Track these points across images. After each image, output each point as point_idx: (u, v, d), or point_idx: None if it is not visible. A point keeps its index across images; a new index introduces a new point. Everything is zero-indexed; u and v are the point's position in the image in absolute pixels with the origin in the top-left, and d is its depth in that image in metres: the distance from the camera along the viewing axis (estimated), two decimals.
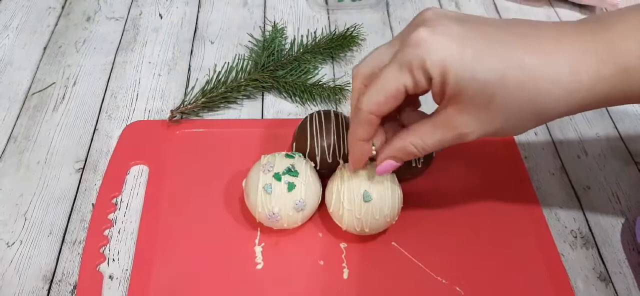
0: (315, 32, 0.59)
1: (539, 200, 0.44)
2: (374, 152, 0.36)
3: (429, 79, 0.30)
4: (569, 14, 0.63)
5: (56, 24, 0.59)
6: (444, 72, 0.29)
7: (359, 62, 0.35)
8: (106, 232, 0.41)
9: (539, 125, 0.32)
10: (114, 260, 0.40)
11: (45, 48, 0.56)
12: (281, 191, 0.37)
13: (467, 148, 0.47)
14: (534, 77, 0.29)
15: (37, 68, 0.54)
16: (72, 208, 0.43)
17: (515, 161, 0.47)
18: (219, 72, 0.52)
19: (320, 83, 0.52)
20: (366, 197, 0.37)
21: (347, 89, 0.52)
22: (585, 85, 0.29)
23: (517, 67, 0.29)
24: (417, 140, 0.33)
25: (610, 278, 0.40)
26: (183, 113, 0.49)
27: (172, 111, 0.48)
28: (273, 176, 0.37)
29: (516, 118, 0.30)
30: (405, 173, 0.41)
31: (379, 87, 0.31)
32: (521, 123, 0.31)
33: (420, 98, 0.37)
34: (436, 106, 0.33)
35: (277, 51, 0.54)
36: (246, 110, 0.51)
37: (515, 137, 0.49)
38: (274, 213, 0.37)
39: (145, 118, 0.49)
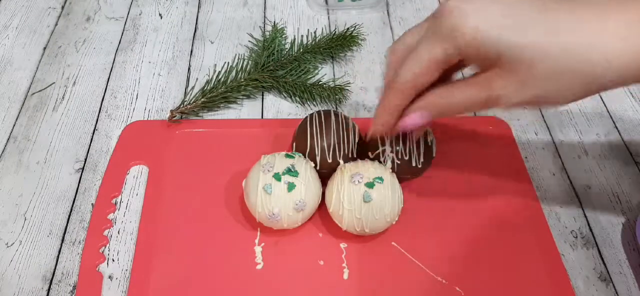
0: (315, 32, 0.59)
1: (539, 200, 0.44)
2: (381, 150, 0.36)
3: (461, 48, 0.30)
4: None
5: (56, 24, 0.59)
6: (477, 40, 0.29)
7: (397, 40, 0.35)
8: (106, 232, 0.41)
9: (588, 95, 0.29)
10: (113, 260, 0.39)
11: (45, 48, 0.56)
12: (281, 191, 0.37)
13: (467, 148, 0.47)
14: (582, 45, 0.28)
15: (37, 68, 0.54)
16: (71, 208, 0.43)
17: (515, 161, 0.47)
18: (219, 72, 0.52)
19: (320, 83, 0.52)
20: (366, 197, 0.37)
21: (347, 89, 0.52)
22: (636, 54, 0.27)
23: (560, 32, 0.28)
24: (447, 93, 0.32)
25: (610, 278, 0.40)
26: (183, 113, 0.49)
27: (172, 111, 0.48)
28: (273, 176, 0.37)
29: (559, 86, 0.29)
30: (405, 173, 0.41)
31: (416, 58, 0.32)
32: (565, 91, 0.29)
33: None
34: None
35: (277, 51, 0.54)
36: (246, 110, 0.51)
37: (516, 137, 0.49)
38: (274, 214, 0.37)
39: (145, 118, 0.49)
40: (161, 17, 0.60)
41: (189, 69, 0.55)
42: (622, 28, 0.27)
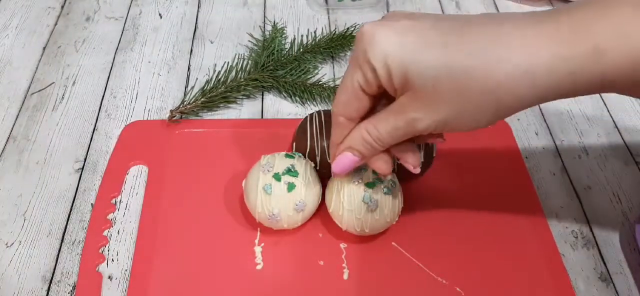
0: (315, 32, 0.59)
1: (539, 200, 0.44)
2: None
3: (375, 71, 0.30)
4: None
5: (56, 24, 0.59)
6: (387, 63, 0.29)
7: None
8: (105, 232, 0.41)
9: (501, 117, 0.29)
10: (113, 260, 0.39)
11: (44, 48, 0.56)
12: (281, 191, 0.37)
13: (467, 149, 0.47)
14: (485, 59, 0.27)
15: (37, 68, 0.54)
16: (71, 208, 0.42)
17: (515, 161, 0.47)
18: (219, 72, 0.52)
19: (320, 83, 0.52)
20: (366, 198, 0.37)
21: None
22: (545, 64, 0.27)
23: (464, 50, 0.28)
24: (371, 126, 0.32)
25: (611, 278, 0.40)
26: (183, 113, 0.49)
27: (171, 111, 0.48)
28: (273, 176, 0.37)
29: (469, 105, 0.29)
30: (405, 173, 0.41)
31: (341, 87, 0.32)
32: (477, 111, 0.29)
33: None
34: None
35: (277, 51, 0.54)
36: (246, 110, 0.51)
37: (516, 137, 0.49)
38: (273, 214, 0.37)
39: (145, 118, 0.49)
40: (161, 17, 0.60)
41: (188, 68, 0.55)
42: (529, 41, 0.27)
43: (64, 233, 0.41)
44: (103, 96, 0.51)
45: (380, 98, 0.34)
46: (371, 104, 0.33)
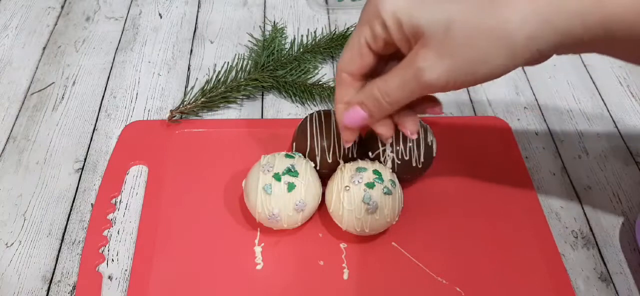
0: (315, 32, 0.59)
1: (539, 200, 0.44)
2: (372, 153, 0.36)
3: (385, 26, 0.30)
4: None
5: (56, 24, 0.59)
6: (397, 15, 0.29)
7: None
8: (105, 232, 0.41)
9: (513, 63, 0.28)
10: (113, 260, 0.39)
11: (44, 48, 0.56)
12: (281, 191, 0.37)
13: (467, 148, 0.47)
14: (495, 3, 0.27)
15: (37, 68, 0.54)
16: (71, 209, 0.42)
17: (516, 161, 0.47)
18: (219, 72, 0.52)
19: (320, 83, 0.52)
20: (366, 198, 0.37)
21: None
22: (555, 3, 0.27)
23: None
24: (380, 82, 0.32)
25: (611, 278, 0.40)
26: (183, 113, 0.49)
27: (171, 111, 0.48)
28: (273, 176, 0.37)
29: (478, 50, 0.28)
30: (405, 173, 0.41)
31: (348, 45, 0.33)
32: (487, 57, 0.28)
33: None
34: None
35: (277, 51, 0.54)
36: (246, 110, 0.51)
37: (516, 137, 0.49)
38: (273, 214, 0.37)
39: (145, 118, 0.49)
40: (161, 17, 0.60)
41: (188, 68, 0.55)
42: None
43: (64, 233, 0.41)
44: (103, 96, 0.51)
45: (385, 62, 0.34)
46: (374, 63, 0.33)
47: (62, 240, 0.41)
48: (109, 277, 0.38)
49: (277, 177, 0.37)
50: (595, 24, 0.27)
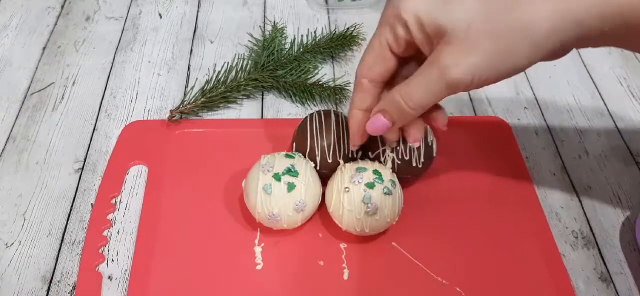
0: (315, 32, 0.59)
1: (539, 200, 0.44)
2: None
3: (407, 27, 0.30)
4: None
5: (55, 24, 0.59)
6: (418, 15, 0.30)
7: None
8: (105, 232, 0.41)
9: (536, 56, 0.29)
10: (113, 260, 0.39)
11: (44, 48, 0.56)
12: (281, 191, 0.37)
13: (467, 148, 0.47)
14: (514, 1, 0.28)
15: (36, 68, 0.54)
16: (71, 209, 0.42)
17: (516, 161, 0.47)
18: (219, 72, 0.52)
19: (320, 83, 0.52)
20: (366, 198, 0.37)
21: (347, 89, 0.52)
22: (566, 10, 0.27)
23: None
24: (402, 86, 0.32)
25: (611, 278, 0.40)
26: (182, 113, 0.49)
27: (171, 111, 0.48)
28: (273, 176, 0.37)
29: (502, 45, 0.28)
30: (405, 173, 0.41)
31: (368, 48, 0.33)
32: (511, 52, 0.28)
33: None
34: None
35: (277, 51, 0.54)
36: (246, 110, 0.51)
37: (516, 137, 0.49)
38: (273, 214, 0.37)
39: (145, 118, 0.49)
40: (161, 17, 0.60)
41: (188, 68, 0.55)
42: None
43: (63, 233, 0.41)
44: (103, 96, 0.51)
45: (405, 64, 0.34)
46: (396, 67, 0.33)
47: (62, 240, 0.41)
48: (109, 277, 0.38)
49: (277, 177, 0.37)
50: (613, 15, 0.27)
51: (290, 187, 0.37)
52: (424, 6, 0.29)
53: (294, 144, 0.42)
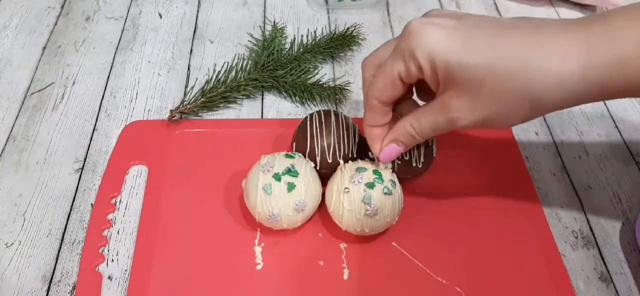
0: (315, 32, 0.59)
1: (539, 200, 0.44)
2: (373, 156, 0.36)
3: (420, 67, 0.32)
4: (569, 14, 0.63)
5: (55, 24, 0.59)
6: (432, 60, 0.31)
7: (369, 54, 0.37)
8: (105, 232, 0.41)
9: (535, 116, 0.32)
10: (113, 260, 0.39)
11: (44, 48, 0.56)
12: (281, 191, 0.37)
13: (467, 148, 0.47)
14: (524, 64, 0.29)
15: (36, 68, 0.54)
16: (71, 209, 0.42)
17: (516, 161, 0.47)
18: (219, 72, 0.52)
19: (320, 83, 0.52)
20: (366, 198, 0.37)
21: (347, 89, 0.52)
22: (576, 73, 0.29)
23: (507, 54, 0.29)
24: (414, 121, 0.35)
25: (611, 278, 0.40)
26: (182, 113, 0.49)
27: (171, 111, 0.48)
28: (273, 176, 0.37)
29: (508, 105, 0.31)
30: (405, 173, 0.41)
31: (382, 74, 0.34)
32: (514, 112, 0.31)
33: None
34: None
35: (277, 51, 0.54)
36: (246, 110, 0.51)
37: (516, 137, 0.49)
38: (273, 214, 0.37)
39: (145, 118, 0.49)
40: (161, 17, 0.60)
41: (188, 68, 0.55)
42: (563, 46, 0.29)
43: (63, 233, 0.41)
44: (103, 96, 0.51)
45: (413, 88, 0.37)
46: (405, 92, 0.35)
47: (62, 240, 0.41)
48: (109, 277, 0.38)
49: (277, 177, 0.37)
50: (619, 87, 0.29)
51: (290, 187, 0.37)
52: (439, 53, 0.31)
53: (294, 144, 0.42)
